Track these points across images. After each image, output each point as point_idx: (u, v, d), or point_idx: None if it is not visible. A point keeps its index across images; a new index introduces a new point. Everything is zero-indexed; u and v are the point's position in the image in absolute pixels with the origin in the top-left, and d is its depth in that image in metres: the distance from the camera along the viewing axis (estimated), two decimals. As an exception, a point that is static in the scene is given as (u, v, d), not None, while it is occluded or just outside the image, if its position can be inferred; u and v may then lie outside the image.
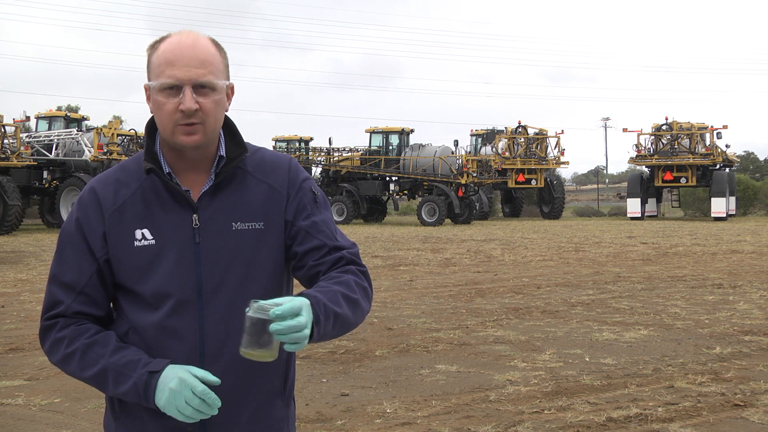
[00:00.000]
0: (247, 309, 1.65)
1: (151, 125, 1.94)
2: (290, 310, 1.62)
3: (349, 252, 1.95)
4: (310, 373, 6.61)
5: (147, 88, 1.88)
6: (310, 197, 1.98)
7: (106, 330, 1.92)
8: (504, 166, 40.70)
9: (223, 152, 1.93)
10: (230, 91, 1.94)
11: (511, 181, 41.39)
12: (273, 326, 1.60)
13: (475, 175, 35.52)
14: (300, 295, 1.75)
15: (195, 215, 1.88)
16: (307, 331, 1.64)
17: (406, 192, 38.08)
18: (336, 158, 39.48)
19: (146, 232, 1.87)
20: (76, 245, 1.90)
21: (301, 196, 1.97)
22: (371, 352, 7.46)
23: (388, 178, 38.11)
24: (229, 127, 1.98)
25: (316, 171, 39.45)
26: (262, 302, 1.64)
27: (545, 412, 5.44)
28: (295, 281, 2.11)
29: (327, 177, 38.14)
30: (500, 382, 6.26)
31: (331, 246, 1.93)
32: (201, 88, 1.82)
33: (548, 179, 42.15)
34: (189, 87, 1.81)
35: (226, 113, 1.97)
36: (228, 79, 1.92)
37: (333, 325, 1.77)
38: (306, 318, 1.64)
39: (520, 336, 8.20)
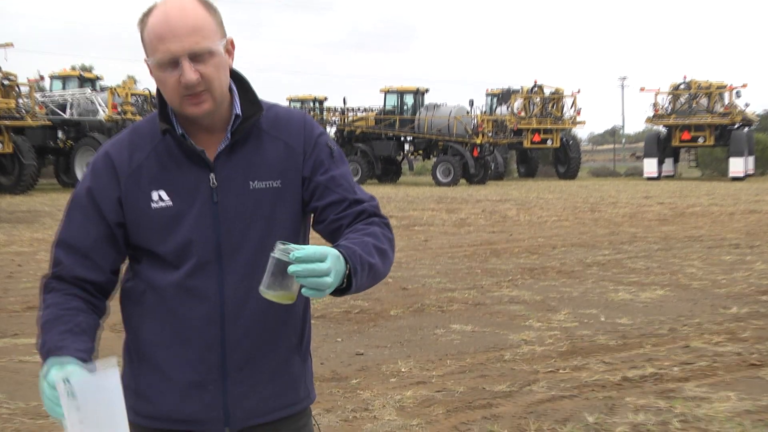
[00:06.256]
0: (273, 250, 1.64)
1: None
2: (312, 254, 1.59)
3: (370, 205, 1.94)
4: (325, 333, 6.64)
5: (147, 64, 1.84)
6: (326, 152, 1.95)
7: (92, 304, 1.90)
8: (519, 126, 40.36)
9: (238, 111, 1.89)
10: (230, 46, 1.89)
11: (527, 141, 41.08)
12: (291, 267, 1.58)
13: (490, 135, 35.28)
14: (336, 246, 1.72)
15: (212, 174, 1.85)
16: (329, 279, 1.60)
17: (420, 152, 37.94)
18: (350, 118, 39.30)
19: (163, 193, 1.85)
20: (84, 210, 1.89)
21: (318, 152, 1.94)
22: (386, 311, 7.48)
23: (402, 139, 37.90)
24: (242, 84, 1.94)
25: (331, 131, 39.33)
26: (287, 245, 1.62)
27: (560, 371, 5.45)
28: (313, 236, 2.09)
29: (341, 137, 37.98)
30: (515, 342, 6.27)
31: (351, 199, 1.91)
32: (198, 56, 1.78)
33: (564, 139, 41.84)
34: (186, 58, 1.75)
35: (237, 70, 1.93)
36: (224, 36, 1.86)
37: (367, 276, 1.76)
38: (329, 266, 1.61)
39: (535, 296, 8.20)
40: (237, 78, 1.94)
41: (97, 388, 1.55)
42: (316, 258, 1.60)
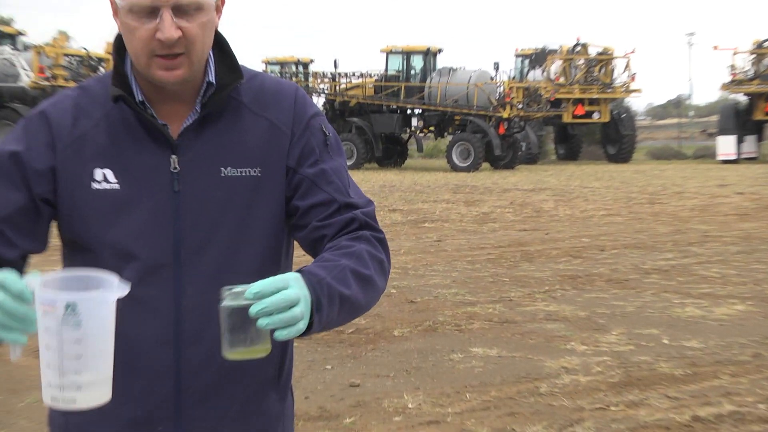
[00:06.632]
0: (220, 300, 1.61)
1: (121, 40, 1.88)
2: (271, 284, 1.58)
3: (363, 212, 1.93)
4: (311, 358, 6.62)
5: (113, 2, 1.82)
6: (319, 138, 1.96)
7: None
8: (558, 96, 40.38)
9: (212, 78, 1.89)
10: (220, 3, 1.89)
11: (567, 114, 41.12)
12: (254, 307, 1.56)
13: (520, 107, 35.28)
14: (299, 271, 1.71)
15: (174, 156, 1.86)
16: (300, 309, 1.60)
17: (432, 129, 37.95)
18: (343, 86, 39.33)
19: (109, 173, 1.85)
20: (6, 175, 1.85)
21: (309, 137, 1.95)
22: (388, 331, 7.47)
23: (409, 111, 37.97)
24: (220, 45, 1.93)
25: (319, 102, 39.36)
26: (233, 288, 1.60)
27: (611, 408, 5.42)
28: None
29: (332, 110, 38.04)
30: (553, 370, 6.25)
31: (341, 203, 1.92)
32: (184, 9, 1.77)
33: (615, 112, 41.83)
34: (168, 9, 1.75)
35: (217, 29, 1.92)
36: None
37: (339, 311, 1.74)
38: (296, 293, 1.61)
39: (578, 311, 8.19)
40: (215, 39, 1.93)
41: (101, 305, 1.53)
42: (278, 286, 1.59)
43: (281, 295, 1.57)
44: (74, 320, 1.49)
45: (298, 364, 6.31)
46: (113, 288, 1.54)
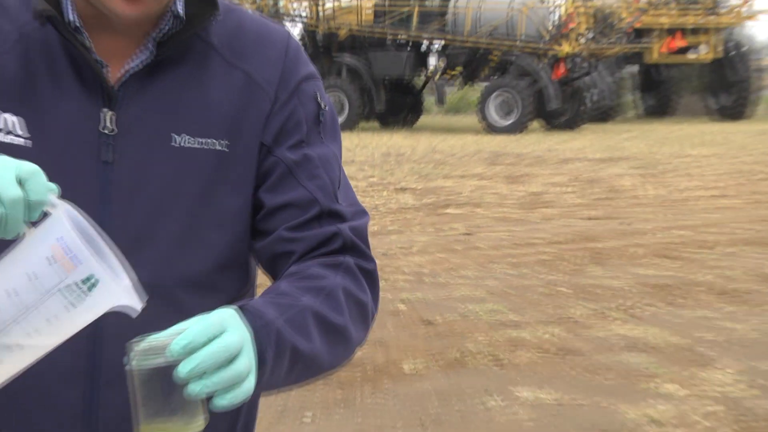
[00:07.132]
0: (127, 359, 1.58)
1: None
2: (203, 330, 1.55)
3: (351, 227, 1.94)
4: (283, 404, 6.63)
5: None
6: (310, 110, 1.98)
7: None
8: (640, 24, 40.42)
9: (180, 9, 1.89)
10: None
11: (654, 50, 41.17)
12: (182, 368, 1.53)
13: (585, 40, 35.29)
14: (239, 308, 1.68)
15: (110, 113, 1.85)
16: (244, 362, 1.58)
17: (459, 71, 38.00)
18: (329, 10, 39.38)
19: (19, 121, 1.84)
20: None
21: (296, 105, 1.96)
22: (395, 364, 7.49)
23: (425, 47, 38.01)
24: None
25: (295, 32, 39.45)
26: (150, 339, 1.57)
27: (720, 477, 5.43)
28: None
29: (313, 44, 38.17)
30: (635, 421, 6.26)
31: (323, 208, 1.93)
32: None
33: (723, 48, 41.82)
34: None
35: None
36: None
37: (290, 369, 1.74)
38: (238, 337, 1.58)
39: (672, 337, 8.20)
40: None
41: (110, 303, 1.54)
42: (213, 332, 1.55)
43: (218, 344, 1.54)
44: (76, 298, 1.48)
45: (265, 411, 6.29)
46: (128, 292, 1.54)
